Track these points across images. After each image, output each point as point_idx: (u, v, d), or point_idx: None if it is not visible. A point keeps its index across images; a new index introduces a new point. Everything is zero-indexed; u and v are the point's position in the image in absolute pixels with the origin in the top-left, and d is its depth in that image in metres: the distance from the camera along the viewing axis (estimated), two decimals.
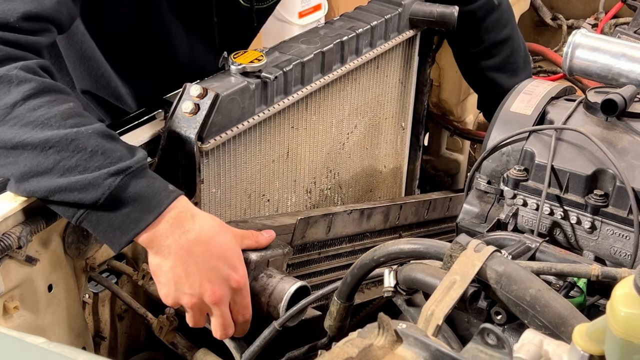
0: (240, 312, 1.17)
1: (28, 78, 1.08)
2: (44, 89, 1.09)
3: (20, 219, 1.11)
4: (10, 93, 1.07)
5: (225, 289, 1.13)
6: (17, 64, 1.09)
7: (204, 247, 1.12)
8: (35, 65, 1.11)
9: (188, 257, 1.11)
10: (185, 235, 1.11)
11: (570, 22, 2.39)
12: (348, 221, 1.50)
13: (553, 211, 1.26)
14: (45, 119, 1.07)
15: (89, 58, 1.56)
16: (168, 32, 1.53)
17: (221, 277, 1.13)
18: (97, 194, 1.06)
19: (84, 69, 1.59)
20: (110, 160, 1.08)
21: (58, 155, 1.06)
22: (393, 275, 1.05)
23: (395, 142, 1.84)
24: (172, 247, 1.10)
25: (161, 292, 1.14)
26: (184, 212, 1.11)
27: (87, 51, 1.55)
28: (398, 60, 1.73)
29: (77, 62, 1.58)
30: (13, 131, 1.06)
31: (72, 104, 1.11)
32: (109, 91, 1.62)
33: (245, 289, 1.16)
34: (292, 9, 3.67)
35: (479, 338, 0.76)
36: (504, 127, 1.36)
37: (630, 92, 1.29)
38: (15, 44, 1.11)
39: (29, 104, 1.07)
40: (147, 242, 1.10)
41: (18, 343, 0.80)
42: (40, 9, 1.13)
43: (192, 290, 1.12)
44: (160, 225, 1.09)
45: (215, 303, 1.13)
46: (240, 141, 1.37)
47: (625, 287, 0.70)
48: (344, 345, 0.76)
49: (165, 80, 1.49)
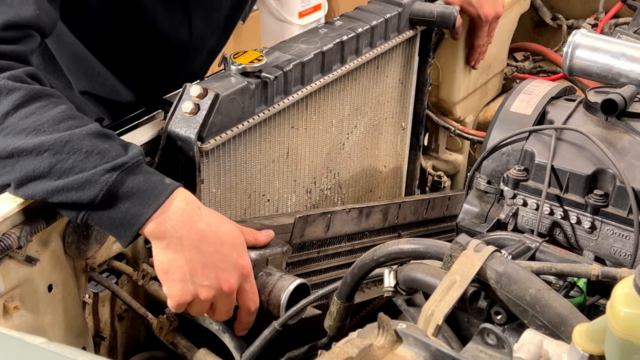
0: (251, 299, 1.17)
1: (17, 87, 1.09)
2: (33, 95, 1.10)
3: (20, 219, 1.11)
4: (1, 104, 1.08)
5: (237, 277, 1.14)
6: (4, 74, 1.09)
7: (214, 237, 1.12)
8: (22, 74, 1.12)
9: (202, 248, 1.11)
10: (195, 226, 1.11)
11: (570, 22, 2.39)
12: (347, 220, 1.50)
13: (553, 211, 1.26)
14: (38, 125, 1.07)
15: (81, 59, 1.57)
16: (152, 17, 1.52)
17: (232, 265, 1.13)
18: (94, 192, 1.07)
19: (78, 70, 1.59)
20: (106, 159, 1.08)
21: (54, 158, 1.06)
22: (393, 275, 1.05)
23: (395, 142, 1.84)
24: (185, 239, 1.10)
25: (175, 289, 1.12)
26: (190, 202, 1.12)
27: (78, 52, 1.55)
28: (398, 60, 1.73)
29: (71, 64, 1.58)
30: (7, 140, 1.07)
31: (64, 107, 1.12)
32: (106, 89, 1.62)
33: (251, 276, 1.17)
34: (292, 9, 3.68)
35: (479, 338, 0.76)
36: (504, 127, 1.36)
37: (630, 92, 1.29)
38: (0, 54, 1.12)
39: (20, 112, 1.08)
40: (155, 234, 1.10)
41: (18, 343, 0.81)
42: (18, 17, 1.14)
43: (209, 282, 1.12)
44: (170, 217, 1.09)
45: (230, 291, 1.14)
46: (240, 141, 1.37)
47: (625, 287, 0.70)
48: (344, 345, 0.76)
49: (156, 65, 1.49)
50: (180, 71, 1.63)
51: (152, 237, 1.11)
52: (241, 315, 1.19)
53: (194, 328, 1.26)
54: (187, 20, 1.57)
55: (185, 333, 1.27)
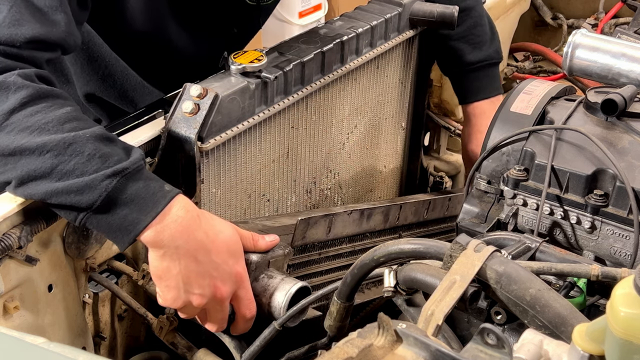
0: (246, 306, 1.18)
1: (26, 84, 1.09)
2: (41, 94, 1.10)
3: (20, 219, 1.11)
4: (8, 100, 1.08)
5: (231, 284, 1.15)
6: (15, 72, 1.10)
7: (211, 246, 1.13)
8: (32, 73, 1.12)
9: (198, 257, 1.12)
10: (193, 236, 1.11)
11: (571, 22, 2.39)
12: (348, 222, 1.50)
13: (553, 211, 1.26)
14: (43, 124, 1.08)
15: (95, 59, 1.57)
16: (174, 33, 1.53)
17: (227, 273, 1.14)
18: (93, 197, 1.07)
19: (90, 70, 1.59)
20: (107, 163, 1.08)
21: (56, 159, 1.07)
22: (393, 275, 1.05)
23: (395, 142, 1.84)
24: (182, 248, 1.11)
25: (168, 295, 1.14)
26: (189, 210, 1.12)
27: (94, 51, 1.56)
28: (398, 60, 1.73)
29: (85, 63, 1.59)
30: (10, 137, 1.07)
31: (70, 109, 1.12)
32: (115, 92, 1.62)
33: (246, 281, 1.17)
34: (292, 9, 3.67)
35: (479, 338, 0.76)
36: (504, 127, 1.36)
37: (630, 92, 1.29)
38: (16, 56, 1.12)
39: (26, 110, 1.08)
40: (153, 242, 1.10)
41: (18, 343, 0.81)
42: (47, 35, 1.15)
43: (201, 290, 1.13)
44: (169, 226, 1.10)
45: (221, 299, 1.14)
46: (240, 141, 1.37)
47: (625, 287, 0.70)
48: (344, 345, 0.76)
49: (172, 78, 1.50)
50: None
51: (150, 245, 1.11)
52: (237, 322, 1.20)
53: (194, 328, 1.26)
54: (219, 50, 1.59)
55: (185, 333, 1.27)
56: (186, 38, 1.56)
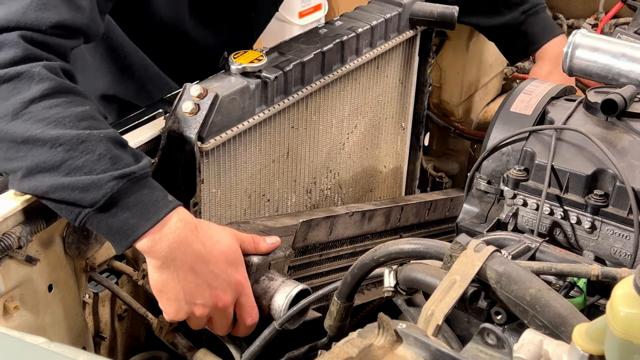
0: (248, 313, 1.18)
1: (49, 77, 1.09)
2: (62, 89, 1.10)
3: (21, 219, 1.11)
4: (30, 89, 1.08)
5: (232, 293, 1.15)
6: (42, 62, 1.10)
7: (209, 257, 1.13)
8: (57, 67, 1.12)
9: (196, 269, 1.12)
10: (191, 247, 1.11)
11: (570, 22, 2.38)
12: (349, 223, 1.50)
13: (553, 211, 1.26)
14: (60, 118, 1.08)
15: (114, 49, 1.58)
16: (193, 20, 1.55)
17: (227, 282, 1.14)
18: (98, 196, 1.07)
19: (110, 61, 1.60)
20: (116, 165, 1.08)
21: (67, 154, 1.07)
22: (393, 275, 1.05)
23: (395, 142, 1.84)
24: (179, 260, 1.11)
25: (170, 309, 1.14)
26: (188, 222, 1.12)
27: (113, 41, 1.57)
28: (398, 60, 1.73)
29: (104, 53, 1.59)
30: (26, 126, 1.07)
31: (88, 107, 1.12)
32: (133, 84, 1.63)
33: (247, 288, 1.17)
34: (292, 9, 3.67)
35: (479, 338, 0.76)
36: (504, 127, 1.36)
37: (630, 92, 1.29)
38: (43, 44, 1.12)
39: (46, 102, 1.08)
40: (150, 251, 1.10)
41: (18, 343, 0.81)
42: (72, 20, 1.15)
43: (203, 301, 1.13)
44: (167, 236, 1.10)
45: (225, 308, 1.15)
46: (240, 141, 1.37)
47: (625, 287, 0.70)
48: (344, 345, 0.76)
49: (190, 70, 1.51)
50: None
51: (146, 254, 1.11)
52: (238, 327, 1.20)
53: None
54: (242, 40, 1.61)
55: (185, 333, 1.27)
56: (204, 26, 1.57)
